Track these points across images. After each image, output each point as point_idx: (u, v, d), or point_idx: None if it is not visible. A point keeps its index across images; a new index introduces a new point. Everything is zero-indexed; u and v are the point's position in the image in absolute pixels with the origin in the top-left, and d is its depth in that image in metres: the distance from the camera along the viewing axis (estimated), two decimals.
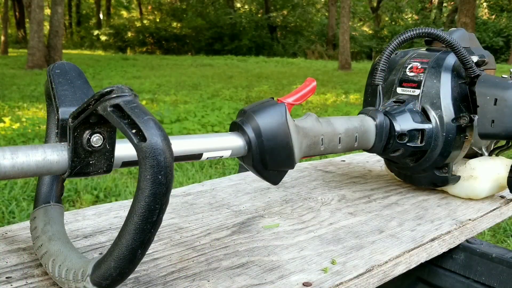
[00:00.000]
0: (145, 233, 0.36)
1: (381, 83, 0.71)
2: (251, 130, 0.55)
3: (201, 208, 0.67)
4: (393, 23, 22.87)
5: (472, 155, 0.78)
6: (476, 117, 0.69)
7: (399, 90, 0.73)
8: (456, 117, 0.69)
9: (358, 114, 0.69)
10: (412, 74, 0.73)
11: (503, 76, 0.72)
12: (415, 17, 23.20)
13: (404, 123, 0.68)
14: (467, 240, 0.67)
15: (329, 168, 0.91)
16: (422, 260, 0.60)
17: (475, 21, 9.35)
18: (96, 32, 24.10)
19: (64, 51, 12.63)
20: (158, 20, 24.17)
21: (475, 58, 0.71)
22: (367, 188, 0.80)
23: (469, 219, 0.67)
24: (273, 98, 0.59)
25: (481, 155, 0.79)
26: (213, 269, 0.50)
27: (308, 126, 0.61)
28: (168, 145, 0.37)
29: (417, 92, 0.71)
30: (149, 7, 25.91)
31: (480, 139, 0.72)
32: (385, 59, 0.70)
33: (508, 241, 2.26)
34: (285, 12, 23.08)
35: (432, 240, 0.61)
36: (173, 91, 7.49)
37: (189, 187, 0.76)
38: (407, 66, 0.74)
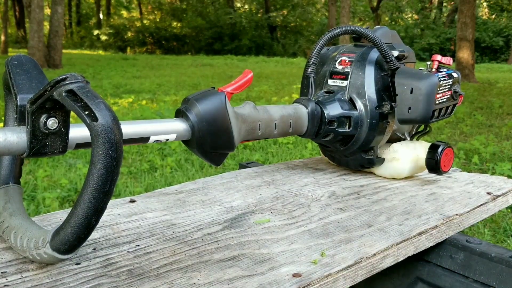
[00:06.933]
0: (98, 202, 0.41)
1: (312, 75, 0.78)
2: (194, 116, 0.59)
3: (193, 205, 0.68)
4: (393, 23, 22.85)
5: (396, 140, 0.86)
6: (396, 105, 0.77)
7: (330, 81, 0.81)
8: (379, 105, 0.77)
9: (293, 103, 0.75)
10: (341, 67, 0.81)
11: (420, 68, 0.79)
12: (415, 17, 23.19)
13: (334, 110, 0.76)
14: (466, 240, 0.68)
15: (320, 166, 0.93)
16: (410, 253, 0.61)
17: (475, 21, 9.36)
18: (96, 32, 24.08)
19: (64, 51, 12.63)
20: (158, 20, 24.16)
21: (395, 53, 0.78)
22: (357, 184, 0.81)
23: (456, 214, 0.69)
24: (214, 87, 0.63)
25: (404, 139, 0.86)
26: (205, 261, 0.51)
27: (246, 113, 0.65)
28: (117, 124, 0.41)
29: (345, 83, 0.79)
30: (149, 7, 25.90)
31: (400, 124, 0.80)
32: (316, 54, 0.77)
33: (508, 241, 2.26)
34: (285, 12, 23.07)
35: (420, 234, 0.62)
36: (173, 91, 7.50)
37: (181, 185, 0.77)
38: (336, 60, 0.82)
